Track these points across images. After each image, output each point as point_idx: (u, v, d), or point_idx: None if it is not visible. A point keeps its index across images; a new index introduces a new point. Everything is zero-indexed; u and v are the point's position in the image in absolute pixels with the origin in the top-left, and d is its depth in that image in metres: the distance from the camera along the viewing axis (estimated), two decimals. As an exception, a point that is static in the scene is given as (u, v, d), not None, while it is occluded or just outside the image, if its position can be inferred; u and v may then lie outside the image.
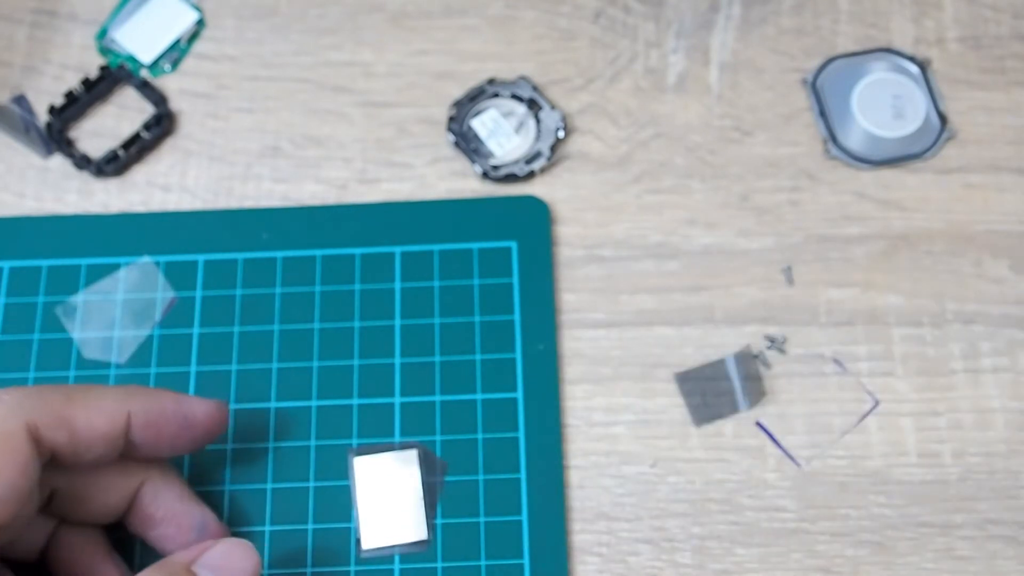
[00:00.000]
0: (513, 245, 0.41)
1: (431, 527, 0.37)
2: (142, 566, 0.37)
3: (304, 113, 0.45)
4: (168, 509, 0.34)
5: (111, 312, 0.41)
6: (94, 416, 0.31)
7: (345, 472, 0.38)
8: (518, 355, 0.40)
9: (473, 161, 0.43)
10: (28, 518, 0.31)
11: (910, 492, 0.38)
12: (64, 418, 0.31)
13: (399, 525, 0.37)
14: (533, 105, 0.44)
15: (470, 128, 0.44)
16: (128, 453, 0.33)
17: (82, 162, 0.43)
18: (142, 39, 0.46)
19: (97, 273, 0.41)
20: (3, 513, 0.29)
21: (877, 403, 0.40)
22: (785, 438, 0.39)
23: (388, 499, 0.38)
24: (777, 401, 0.40)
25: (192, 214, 0.43)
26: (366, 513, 0.38)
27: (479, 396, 0.39)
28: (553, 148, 0.43)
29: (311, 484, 0.38)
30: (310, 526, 0.38)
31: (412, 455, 0.38)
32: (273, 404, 0.39)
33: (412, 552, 0.37)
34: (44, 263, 0.42)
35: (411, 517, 0.38)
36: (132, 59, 0.45)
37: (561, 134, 0.43)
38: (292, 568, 0.37)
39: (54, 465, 0.32)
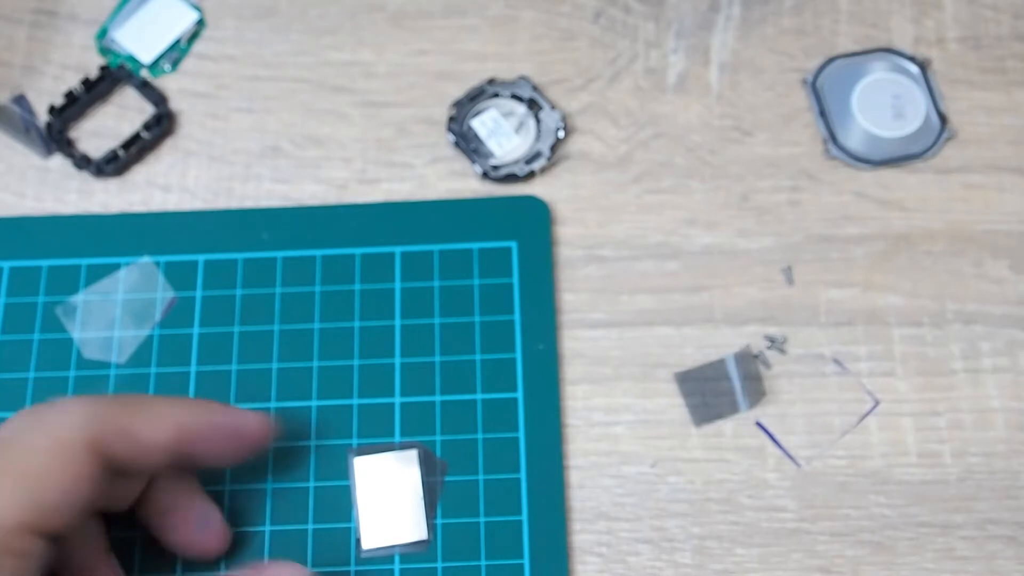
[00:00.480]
0: (513, 245, 0.41)
1: (431, 527, 0.37)
2: (142, 566, 0.37)
3: (304, 113, 0.45)
4: (177, 501, 0.35)
5: (111, 312, 0.41)
6: (155, 430, 0.32)
7: (345, 472, 0.38)
8: (518, 355, 0.40)
9: (473, 161, 0.43)
10: None
11: (910, 492, 0.38)
12: (128, 432, 0.31)
13: (399, 525, 0.37)
14: (533, 105, 0.44)
15: (470, 128, 0.44)
16: (178, 462, 0.33)
17: (82, 162, 0.43)
18: (142, 39, 0.46)
19: (97, 273, 0.41)
20: (58, 522, 0.29)
21: (877, 403, 0.40)
22: (785, 438, 0.39)
23: (388, 499, 0.38)
24: (777, 401, 0.40)
25: (192, 214, 0.43)
26: (366, 513, 0.38)
27: (479, 396, 0.39)
28: (553, 148, 0.43)
29: (311, 484, 0.38)
30: (310, 526, 0.38)
31: (412, 455, 0.38)
32: (273, 404, 0.39)
33: (412, 552, 0.37)
34: (44, 263, 0.42)
35: (411, 517, 0.38)
36: (132, 59, 0.46)
37: (561, 134, 0.43)
38: (292, 568, 0.37)
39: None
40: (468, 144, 0.44)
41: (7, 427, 0.30)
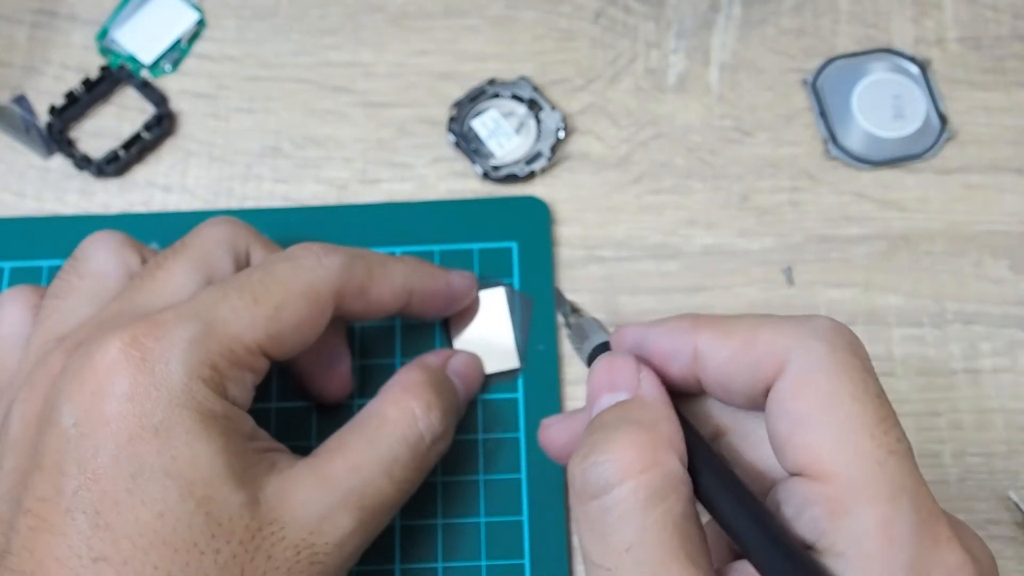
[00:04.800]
0: (513, 245, 0.42)
1: (522, 356, 0.40)
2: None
3: (304, 113, 0.45)
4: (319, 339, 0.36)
5: (112, 312, 0.41)
6: (385, 292, 0.35)
7: None
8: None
9: (473, 161, 0.43)
10: None
11: (910, 492, 0.38)
12: (363, 292, 0.34)
13: (494, 356, 0.40)
14: (533, 105, 0.44)
15: (470, 128, 0.44)
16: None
17: (82, 162, 0.43)
18: (143, 39, 0.46)
19: (98, 273, 0.41)
20: (284, 355, 0.33)
21: (877, 403, 0.40)
22: (785, 438, 0.39)
23: (480, 334, 0.40)
24: (777, 401, 0.40)
25: (193, 214, 0.43)
26: (461, 347, 0.40)
27: (479, 396, 0.39)
28: (553, 148, 0.43)
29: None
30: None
31: (500, 292, 0.40)
32: (274, 404, 0.39)
33: (506, 381, 0.39)
34: (44, 263, 0.42)
35: (503, 348, 0.40)
36: (133, 59, 0.46)
37: (561, 134, 0.43)
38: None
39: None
40: (468, 144, 0.44)
41: (272, 258, 0.34)
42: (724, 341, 0.27)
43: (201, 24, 0.46)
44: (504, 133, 0.44)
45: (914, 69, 0.45)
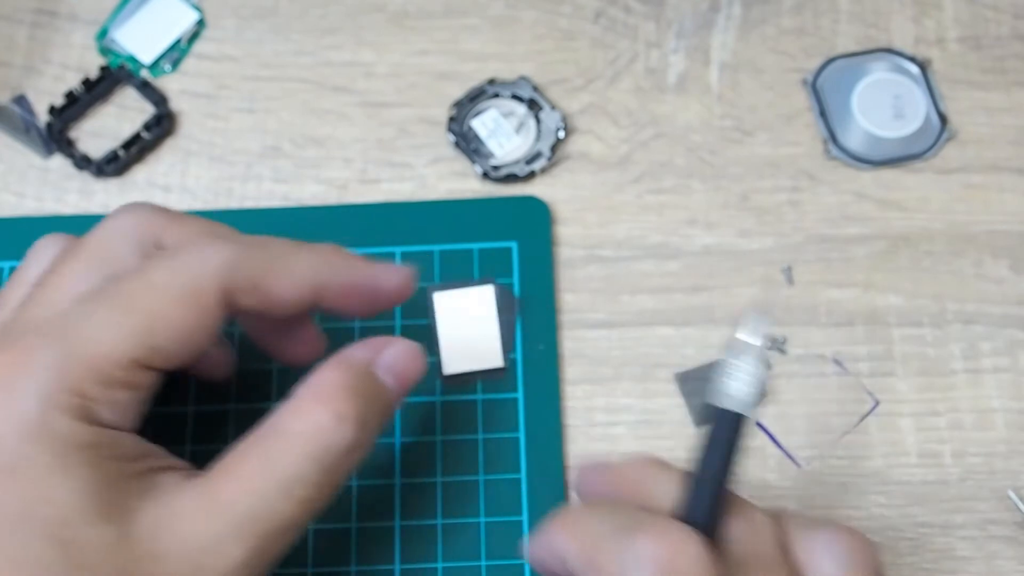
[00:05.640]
0: (513, 245, 0.42)
1: (507, 358, 0.40)
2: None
3: (304, 113, 0.45)
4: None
5: (112, 312, 0.41)
6: (288, 286, 0.31)
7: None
8: (518, 355, 0.40)
9: (473, 161, 0.43)
10: None
11: (910, 492, 0.38)
12: (259, 286, 0.30)
13: (477, 353, 0.40)
14: (533, 105, 0.44)
15: (470, 128, 0.44)
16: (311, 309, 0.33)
17: (82, 162, 0.43)
18: (142, 39, 0.46)
19: (98, 273, 0.41)
20: (171, 363, 0.29)
21: (877, 403, 0.40)
22: (785, 438, 0.39)
23: (466, 331, 0.40)
24: (777, 401, 0.40)
25: (192, 214, 0.42)
26: (446, 342, 0.40)
27: (479, 396, 0.39)
28: (553, 148, 0.43)
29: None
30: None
31: (488, 291, 0.40)
32: (274, 404, 0.39)
33: (490, 380, 0.39)
34: (45, 263, 0.41)
35: (488, 347, 0.39)
36: (132, 59, 0.46)
37: (561, 134, 0.43)
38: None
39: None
40: (468, 144, 0.44)
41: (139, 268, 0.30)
42: (575, 561, 0.28)
43: (201, 24, 0.46)
44: (504, 133, 0.44)
45: (914, 69, 0.45)
